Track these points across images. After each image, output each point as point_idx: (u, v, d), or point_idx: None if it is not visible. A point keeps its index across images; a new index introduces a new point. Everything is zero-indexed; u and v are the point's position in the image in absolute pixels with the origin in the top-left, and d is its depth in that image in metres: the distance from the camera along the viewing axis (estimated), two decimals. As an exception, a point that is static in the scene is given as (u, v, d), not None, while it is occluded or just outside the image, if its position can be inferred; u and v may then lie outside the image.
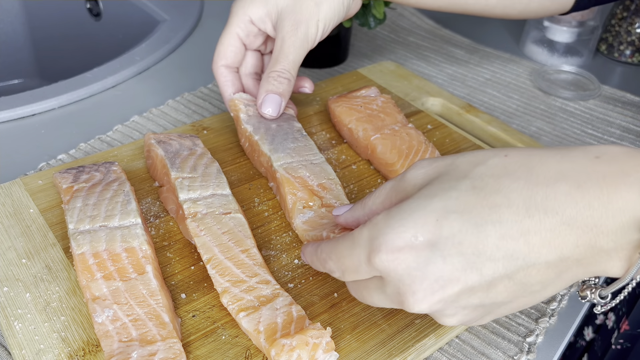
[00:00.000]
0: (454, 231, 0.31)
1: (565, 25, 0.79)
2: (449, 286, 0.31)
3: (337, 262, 0.35)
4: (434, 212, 0.32)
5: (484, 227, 0.31)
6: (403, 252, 0.31)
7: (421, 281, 0.31)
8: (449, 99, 0.68)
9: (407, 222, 0.32)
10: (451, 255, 0.31)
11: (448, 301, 0.32)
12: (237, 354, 0.40)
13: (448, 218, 0.31)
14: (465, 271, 0.31)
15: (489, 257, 0.31)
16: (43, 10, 1.08)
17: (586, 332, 0.69)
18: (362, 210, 0.39)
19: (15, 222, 0.48)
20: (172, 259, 0.47)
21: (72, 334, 0.40)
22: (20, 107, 0.66)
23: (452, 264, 0.31)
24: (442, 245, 0.31)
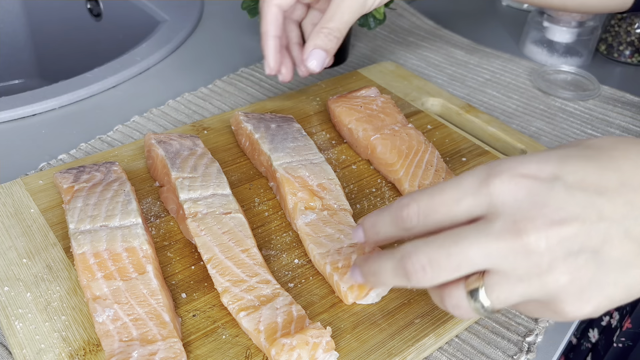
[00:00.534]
0: (577, 168, 0.30)
1: (564, 26, 0.79)
2: (567, 222, 0.29)
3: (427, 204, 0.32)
4: (556, 154, 0.31)
5: (605, 172, 0.30)
6: (526, 179, 0.30)
7: (541, 207, 0.29)
8: (448, 99, 0.69)
9: (531, 158, 0.31)
10: (573, 188, 0.30)
11: (564, 241, 0.29)
12: (238, 353, 0.40)
13: (571, 158, 0.31)
14: (585, 209, 0.29)
15: (609, 199, 0.30)
16: (44, 11, 1.08)
17: (591, 334, 0.69)
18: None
19: (16, 222, 0.48)
20: (173, 258, 0.47)
21: (73, 334, 0.40)
22: (21, 107, 0.66)
23: (574, 197, 0.30)
24: (565, 177, 0.30)
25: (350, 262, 0.44)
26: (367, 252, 0.43)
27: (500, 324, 0.45)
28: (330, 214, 0.49)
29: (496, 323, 0.45)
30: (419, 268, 0.31)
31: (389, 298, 0.44)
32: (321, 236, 0.47)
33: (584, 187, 0.30)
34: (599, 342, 0.68)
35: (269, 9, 0.56)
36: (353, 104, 0.60)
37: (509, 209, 0.30)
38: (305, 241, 0.47)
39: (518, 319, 0.45)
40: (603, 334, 0.67)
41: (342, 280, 0.43)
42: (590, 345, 0.69)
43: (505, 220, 0.30)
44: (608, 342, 0.66)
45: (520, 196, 0.30)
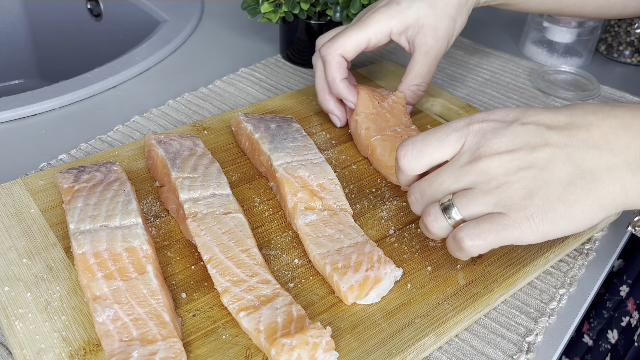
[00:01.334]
0: (535, 113, 0.40)
1: (564, 26, 0.79)
2: (519, 146, 0.39)
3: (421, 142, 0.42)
4: (519, 108, 0.41)
5: (558, 114, 0.40)
6: (494, 121, 0.40)
7: (500, 136, 0.39)
8: (448, 99, 0.69)
9: (503, 109, 0.41)
10: (528, 124, 0.39)
11: (515, 160, 0.39)
12: (238, 353, 0.40)
13: (532, 109, 0.41)
14: (534, 137, 0.39)
15: (557, 132, 0.39)
16: (44, 11, 1.08)
17: (610, 335, 0.69)
18: None
19: (16, 222, 0.48)
20: (173, 258, 0.47)
21: (73, 334, 0.40)
22: (21, 107, 0.66)
23: (527, 129, 0.39)
24: (522, 119, 0.40)
25: (350, 263, 0.44)
26: None
27: (500, 324, 0.45)
28: (330, 214, 0.49)
29: (496, 323, 0.45)
30: (413, 199, 0.44)
31: (389, 298, 0.44)
32: (321, 236, 0.47)
33: (537, 124, 0.39)
34: (619, 343, 0.68)
35: (334, 59, 0.58)
36: (374, 96, 0.60)
37: (477, 143, 0.40)
38: (305, 241, 0.47)
39: (518, 319, 0.45)
40: (623, 334, 0.67)
41: (342, 281, 0.43)
42: (610, 346, 0.69)
43: (472, 150, 0.40)
44: (628, 342, 0.66)
45: (487, 132, 0.40)
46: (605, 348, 0.69)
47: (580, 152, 0.38)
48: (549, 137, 0.39)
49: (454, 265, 0.47)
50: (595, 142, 0.38)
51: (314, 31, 0.73)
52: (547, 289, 0.48)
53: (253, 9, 0.72)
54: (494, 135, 0.39)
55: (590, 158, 0.38)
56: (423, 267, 0.47)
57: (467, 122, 0.41)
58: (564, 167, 0.38)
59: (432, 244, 0.49)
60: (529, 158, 0.38)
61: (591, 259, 0.52)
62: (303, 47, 0.75)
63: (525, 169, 0.38)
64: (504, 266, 0.47)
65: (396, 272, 0.44)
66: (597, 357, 0.70)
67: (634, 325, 0.67)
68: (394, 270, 0.44)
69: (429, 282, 0.46)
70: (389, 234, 0.50)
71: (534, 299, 0.47)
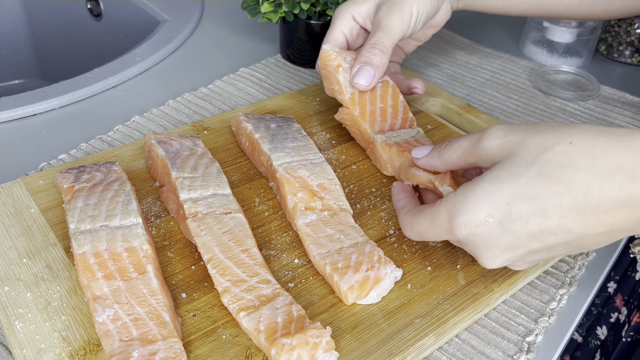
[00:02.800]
0: (522, 213, 0.37)
1: (564, 26, 0.79)
2: (515, 251, 0.39)
3: (419, 233, 0.42)
4: (504, 196, 0.37)
5: (547, 211, 0.36)
6: (479, 228, 0.38)
7: (493, 249, 0.39)
8: (448, 99, 0.69)
9: (481, 205, 0.38)
10: (519, 231, 0.37)
11: (515, 259, 0.40)
12: (238, 353, 0.40)
13: (516, 202, 0.37)
14: (530, 242, 0.38)
15: (550, 232, 0.37)
16: (44, 11, 1.08)
17: (599, 331, 0.69)
18: (439, 160, 0.45)
19: (16, 222, 0.48)
20: (173, 258, 0.47)
21: (73, 334, 0.40)
22: (21, 107, 0.66)
23: (519, 237, 0.38)
24: (510, 224, 0.37)
25: (350, 263, 0.44)
26: None
27: (500, 324, 0.45)
28: (331, 214, 0.49)
29: (496, 323, 0.45)
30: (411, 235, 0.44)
31: (389, 298, 0.44)
32: (321, 236, 0.47)
33: (527, 228, 0.37)
34: (608, 339, 0.68)
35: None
36: None
37: (471, 247, 0.40)
38: (305, 241, 0.47)
39: (518, 319, 0.45)
40: (612, 330, 0.67)
41: (342, 281, 0.43)
42: (599, 342, 0.69)
43: (470, 249, 0.40)
44: (617, 338, 0.66)
45: (477, 242, 0.39)
46: (595, 344, 0.70)
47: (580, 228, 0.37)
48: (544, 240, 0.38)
49: (454, 265, 0.47)
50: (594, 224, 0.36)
51: (314, 31, 0.73)
52: (547, 289, 0.48)
53: (253, 9, 0.72)
54: (487, 249, 0.39)
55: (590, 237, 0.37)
56: (423, 267, 0.47)
57: (449, 229, 0.40)
58: (566, 250, 0.39)
59: (432, 244, 0.49)
60: (529, 257, 0.40)
61: (591, 259, 0.52)
62: (303, 47, 0.75)
63: (529, 260, 0.40)
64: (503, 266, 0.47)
65: (396, 272, 0.44)
66: (586, 354, 0.70)
67: (622, 321, 0.67)
68: (394, 271, 0.44)
69: (429, 282, 0.46)
70: (389, 234, 0.50)
71: (534, 299, 0.47)
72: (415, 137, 0.56)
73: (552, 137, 0.37)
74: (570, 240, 0.37)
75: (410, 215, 0.43)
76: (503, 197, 0.37)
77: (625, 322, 0.66)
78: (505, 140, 0.39)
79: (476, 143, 0.41)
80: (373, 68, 0.55)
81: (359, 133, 0.58)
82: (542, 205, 0.36)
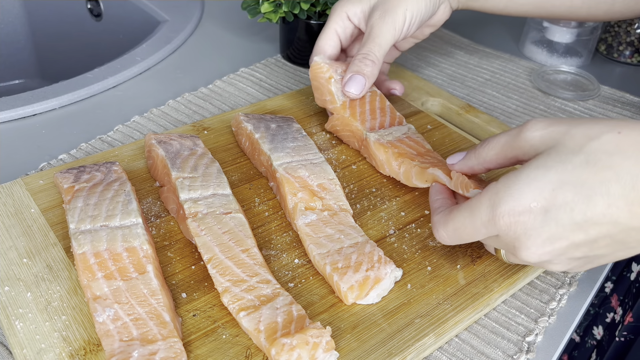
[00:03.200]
0: (567, 200, 0.36)
1: (564, 26, 0.79)
2: (557, 242, 0.37)
3: (454, 232, 0.41)
4: (550, 182, 0.36)
5: (594, 198, 0.35)
6: (522, 216, 0.37)
7: (534, 239, 0.37)
8: (448, 99, 0.69)
9: (526, 190, 0.37)
10: (562, 219, 0.36)
11: (555, 254, 0.38)
12: (238, 353, 0.40)
13: (562, 188, 0.36)
14: (573, 232, 0.36)
15: (596, 222, 0.36)
16: (44, 11, 1.08)
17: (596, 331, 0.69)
18: (475, 159, 0.44)
19: (16, 222, 0.48)
20: (173, 258, 0.47)
21: (73, 333, 0.40)
22: (21, 107, 0.66)
23: (563, 226, 0.36)
24: (555, 211, 0.36)
25: (350, 263, 0.44)
26: None
27: (500, 324, 0.45)
28: (331, 215, 0.49)
29: (496, 323, 0.45)
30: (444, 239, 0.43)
31: (389, 298, 0.44)
32: (321, 236, 0.47)
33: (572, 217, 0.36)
34: (604, 339, 0.68)
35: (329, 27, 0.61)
36: None
37: (511, 238, 0.38)
38: (305, 241, 0.47)
39: (518, 319, 0.45)
40: (607, 330, 0.68)
41: (342, 281, 0.43)
42: (595, 342, 0.69)
43: (509, 241, 0.39)
44: (611, 337, 0.66)
45: (519, 231, 0.37)
46: (591, 344, 0.70)
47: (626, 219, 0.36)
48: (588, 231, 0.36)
49: (454, 265, 0.47)
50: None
51: (314, 31, 0.73)
52: (547, 289, 0.48)
53: (253, 9, 0.72)
54: (527, 238, 0.37)
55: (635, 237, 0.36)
56: (423, 267, 0.47)
57: (490, 219, 0.38)
58: (608, 246, 0.37)
59: (432, 244, 0.49)
60: (570, 253, 0.38)
61: (591, 259, 0.52)
62: (303, 47, 0.75)
63: (570, 257, 0.38)
64: (504, 266, 0.47)
65: (396, 272, 0.44)
66: (583, 353, 0.71)
67: (617, 321, 0.67)
68: (394, 271, 0.44)
69: (429, 282, 0.46)
70: (389, 234, 0.50)
71: (534, 299, 0.47)
72: (407, 134, 0.57)
73: (599, 127, 0.37)
74: (615, 233, 0.36)
75: (445, 213, 0.42)
76: (549, 183, 0.36)
77: (621, 322, 0.66)
78: (548, 131, 0.38)
79: (516, 136, 0.40)
80: (364, 78, 0.57)
81: (351, 134, 0.58)
82: (589, 192, 0.35)
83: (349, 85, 0.57)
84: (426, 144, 0.56)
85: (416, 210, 0.52)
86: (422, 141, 0.56)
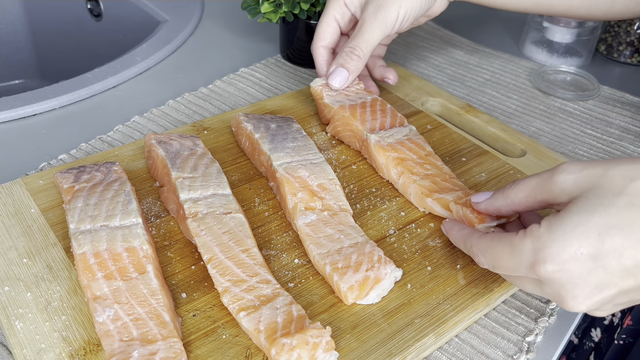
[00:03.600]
0: (615, 245, 0.34)
1: (564, 26, 0.79)
2: (606, 290, 0.35)
3: (492, 260, 0.39)
4: (595, 227, 0.34)
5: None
6: (568, 264, 0.35)
7: (582, 288, 0.35)
8: (448, 99, 0.69)
9: (570, 237, 0.35)
10: (611, 266, 0.34)
11: (604, 301, 0.36)
12: (238, 353, 0.40)
13: (609, 233, 0.34)
14: (622, 278, 0.35)
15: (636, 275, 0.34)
16: (44, 11, 1.08)
17: (594, 333, 0.69)
18: (503, 200, 0.42)
19: (16, 222, 0.48)
20: (173, 258, 0.47)
21: (73, 333, 0.40)
22: (21, 107, 0.66)
23: (612, 273, 0.34)
24: (603, 257, 0.34)
25: (350, 263, 0.44)
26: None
27: (500, 324, 0.45)
28: (331, 215, 0.49)
29: (496, 323, 0.45)
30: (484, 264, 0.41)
31: (389, 298, 0.44)
32: (321, 236, 0.47)
33: (621, 262, 0.34)
34: (602, 341, 0.68)
35: (316, 51, 0.63)
36: None
37: (556, 286, 0.36)
38: (305, 241, 0.47)
39: (518, 319, 0.45)
40: (605, 333, 0.68)
41: (342, 281, 0.43)
42: (593, 344, 0.69)
43: (553, 291, 0.37)
44: (610, 340, 0.66)
45: (564, 280, 0.35)
46: (589, 346, 0.70)
47: None
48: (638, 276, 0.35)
49: (454, 265, 0.47)
50: None
51: (313, 31, 0.73)
52: (547, 289, 0.48)
53: (253, 9, 0.72)
54: (574, 287, 0.35)
55: None
56: (423, 267, 0.47)
57: (532, 264, 0.36)
58: None
59: (432, 244, 0.49)
60: (617, 299, 0.36)
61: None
62: (303, 47, 0.75)
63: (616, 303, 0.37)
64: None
65: (396, 272, 0.44)
66: (582, 355, 0.71)
67: (616, 323, 0.67)
68: (394, 271, 0.44)
69: (429, 282, 0.46)
70: (389, 234, 0.50)
71: (534, 299, 0.47)
72: (408, 135, 0.57)
73: (637, 167, 0.35)
74: None
75: (487, 239, 0.40)
76: (594, 227, 0.34)
77: (618, 324, 0.66)
78: (583, 174, 0.37)
79: (548, 179, 0.38)
80: (348, 72, 0.59)
81: (352, 134, 0.58)
82: (637, 235, 0.34)
83: (333, 77, 0.59)
84: (427, 146, 0.56)
85: (416, 210, 0.52)
86: (423, 143, 0.56)
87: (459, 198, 0.49)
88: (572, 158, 0.64)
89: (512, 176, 0.57)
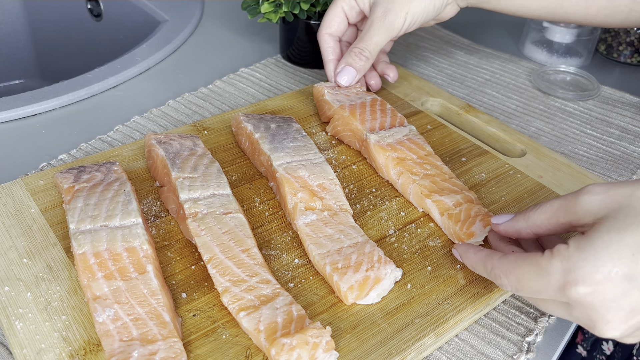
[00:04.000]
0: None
1: (564, 26, 0.79)
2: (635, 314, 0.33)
3: (517, 282, 0.37)
4: (628, 246, 0.33)
5: None
6: (601, 285, 0.33)
7: (616, 311, 0.33)
8: (448, 99, 0.69)
9: (603, 257, 0.33)
10: None
11: (637, 327, 0.34)
12: (238, 353, 0.40)
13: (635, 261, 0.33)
14: None
15: None
16: (44, 11, 1.08)
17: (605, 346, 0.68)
18: (524, 222, 0.41)
19: (16, 222, 0.48)
20: (173, 258, 0.47)
21: (73, 333, 0.40)
22: (21, 108, 0.66)
23: None
24: (638, 278, 0.33)
25: (350, 263, 0.44)
26: None
27: (500, 324, 0.45)
28: (331, 215, 0.49)
29: (496, 323, 0.45)
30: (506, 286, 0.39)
31: (389, 298, 0.44)
32: (321, 236, 0.47)
33: None
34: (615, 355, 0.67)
35: (322, 38, 0.64)
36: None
37: (587, 310, 0.34)
38: (305, 241, 0.47)
39: (518, 319, 0.45)
40: (619, 346, 0.67)
41: (342, 281, 0.43)
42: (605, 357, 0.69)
43: (583, 315, 0.35)
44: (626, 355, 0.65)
45: (597, 302, 0.33)
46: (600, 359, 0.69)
47: None
48: None
49: (454, 265, 0.47)
50: None
51: (314, 31, 0.73)
52: (547, 289, 0.48)
53: (253, 9, 0.72)
54: (607, 310, 0.33)
55: None
56: (423, 267, 0.47)
57: (562, 286, 0.34)
58: None
59: (432, 244, 0.49)
60: None
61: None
62: (303, 47, 0.75)
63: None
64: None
65: (396, 272, 0.44)
66: None
67: None
68: (394, 271, 0.44)
69: (429, 282, 0.46)
70: (389, 234, 0.50)
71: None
72: (408, 135, 0.57)
73: None
74: None
75: (510, 260, 0.38)
76: (627, 247, 0.33)
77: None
78: (608, 195, 0.36)
79: (572, 200, 0.37)
80: (356, 71, 0.61)
81: (351, 134, 0.58)
82: None
83: (341, 75, 0.61)
84: (427, 146, 0.56)
85: (416, 210, 0.52)
86: (423, 143, 0.56)
87: (458, 203, 0.49)
88: (572, 158, 0.64)
89: (512, 176, 0.57)
